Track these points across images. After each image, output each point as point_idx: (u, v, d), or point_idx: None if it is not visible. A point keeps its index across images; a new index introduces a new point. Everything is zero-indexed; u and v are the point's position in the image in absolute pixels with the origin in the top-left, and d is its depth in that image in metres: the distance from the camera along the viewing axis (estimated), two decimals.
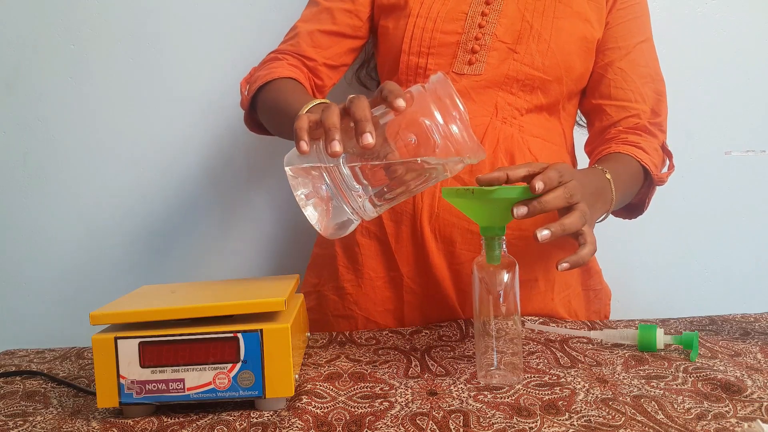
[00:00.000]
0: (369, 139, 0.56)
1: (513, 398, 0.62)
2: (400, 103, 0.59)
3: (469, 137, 0.60)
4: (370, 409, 0.61)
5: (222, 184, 1.27)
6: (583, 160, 1.03)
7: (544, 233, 0.64)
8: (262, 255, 1.29)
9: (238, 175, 1.27)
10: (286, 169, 0.62)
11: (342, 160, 0.60)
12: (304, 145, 0.59)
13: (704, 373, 0.68)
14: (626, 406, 0.60)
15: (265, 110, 0.92)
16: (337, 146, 0.57)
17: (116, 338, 0.60)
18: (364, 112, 0.58)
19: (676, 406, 0.60)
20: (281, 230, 1.29)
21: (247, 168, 1.27)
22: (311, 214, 0.62)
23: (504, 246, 0.65)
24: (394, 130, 0.62)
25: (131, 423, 0.60)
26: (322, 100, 0.79)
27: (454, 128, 0.59)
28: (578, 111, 1.01)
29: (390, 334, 0.86)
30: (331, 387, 0.67)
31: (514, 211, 0.63)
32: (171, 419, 0.61)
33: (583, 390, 0.64)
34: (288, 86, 0.90)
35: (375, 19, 0.99)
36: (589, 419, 0.57)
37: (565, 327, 0.86)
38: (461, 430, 0.56)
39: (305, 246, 1.09)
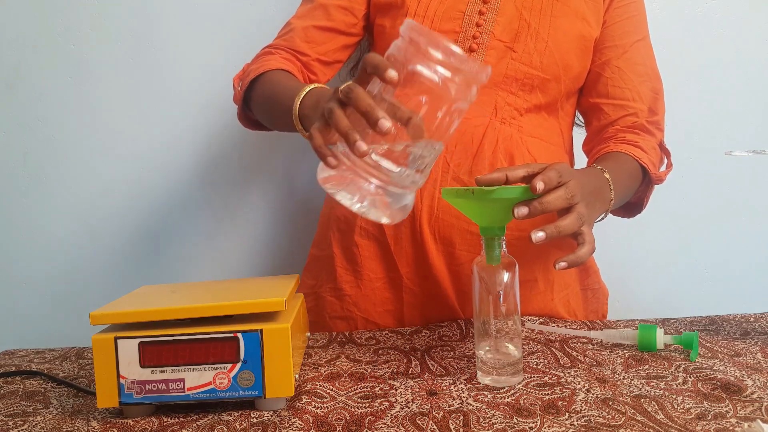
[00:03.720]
0: (385, 125, 0.56)
1: (513, 398, 0.62)
2: (392, 74, 0.58)
3: (465, 62, 0.59)
4: (370, 409, 0.61)
5: (222, 185, 1.27)
6: (581, 160, 1.03)
7: (538, 235, 0.65)
8: (261, 255, 1.29)
9: (238, 176, 1.27)
10: (325, 187, 0.62)
11: (372, 153, 0.59)
12: (333, 161, 0.60)
13: (704, 373, 0.68)
14: (626, 406, 0.60)
15: (258, 103, 0.92)
16: (362, 146, 0.57)
17: (116, 338, 0.60)
18: (366, 100, 0.58)
19: (676, 406, 0.60)
20: (281, 230, 1.29)
21: (248, 168, 1.27)
22: (375, 215, 0.62)
23: (504, 246, 0.65)
24: (398, 96, 0.61)
25: (131, 423, 0.60)
26: (317, 85, 0.79)
27: (448, 63, 0.58)
28: (576, 110, 1.01)
29: (390, 334, 0.86)
30: (331, 387, 0.67)
31: (515, 211, 0.63)
32: (171, 419, 0.61)
33: (583, 390, 0.64)
34: (280, 77, 0.90)
35: (371, 17, 0.99)
36: (589, 419, 0.57)
37: (565, 327, 0.86)
38: (461, 430, 0.56)
39: (304, 246, 1.09)
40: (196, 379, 0.60)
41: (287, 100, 0.79)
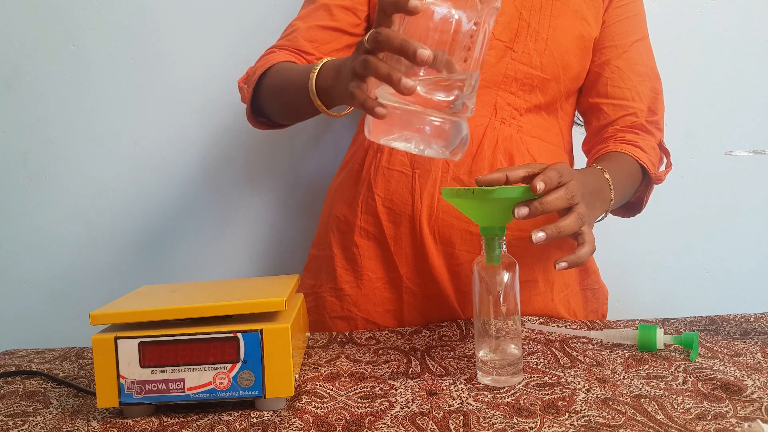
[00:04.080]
0: (425, 53, 0.55)
1: (513, 398, 0.62)
2: (415, 2, 0.56)
3: None
4: (370, 409, 0.61)
5: (222, 184, 1.27)
6: (580, 160, 1.03)
7: (539, 235, 0.65)
8: (261, 255, 1.29)
9: (238, 176, 1.27)
10: (380, 140, 0.61)
11: (419, 89, 0.58)
12: (382, 110, 0.58)
13: (704, 373, 0.68)
14: (626, 406, 0.60)
15: (271, 95, 0.90)
16: (408, 82, 0.56)
17: (116, 338, 0.60)
18: (397, 36, 0.57)
19: (676, 406, 0.60)
20: (281, 230, 1.29)
21: (247, 168, 1.27)
22: (438, 153, 0.60)
23: (504, 246, 0.65)
24: (422, 31, 0.60)
25: (131, 423, 0.60)
26: (327, 59, 0.78)
27: None
28: (576, 110, 1.01)
29: (390, 334, 0.86)
30: (331, 387, 0.67)
31: (516, 211, 0.63)
32: (171, 419, 0.61)
33: (583, 390, 0.64)
34: (288, 65, 0.89)
35: (372, 18, 0.99)
36: (589, 419, 0.57)
37: (565, 327, 0.86)
38: (461, 430, 0.56)
39: (305, 246, 1.09)
40: (196, 379, 0.60)
41: (302, 80, 0.77)
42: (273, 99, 0.91)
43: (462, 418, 0.58)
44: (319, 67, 0.75)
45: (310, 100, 0.75)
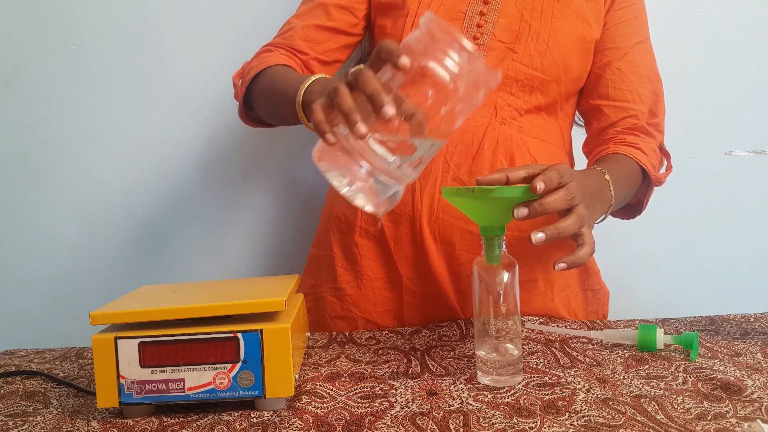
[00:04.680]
0: (389, 111, 0.55)
1: (513, 398, 0.62)
2: (405, 60, 0.57)
3: (478, 64, 0.58)
4: (370, 409, 0.61)
5: (222, 184, 1.27)
6: (580, 161, 1.03)
7: (538, 236, 0.65)
8: (261, 255, 1.29)
9: (238, 176, 1.27)
10: (318, 165, 0.61)
11: (370, 138, 0.59)
12: (331, 138, 0.58)
13: (704, 373, 0.68)
14: (626, 406, 0.60)
15: (261, 98, 0.91)
16: (362, 128, 0.56)
17: (116, 338, 0.60)
18: (373, 84, 0.57)
19: (676, 406, 0.60)
20: (281, 230, 1.29)
21: (247, 168, 1.27)
22: (361, 201, 0.61)
23: (504, 246, 0.65)
24: (406, 87, 0.60)
25: (131, 423, 0.60)
26: (321, 75, 0.78)
27: (462, 62, 0.58)
28: (576, 111, 1.01)
29: (390, 334, 0.86)
30: (331, 387, 0.67)
31: (515, 212, 0.63)
32: (171, 419, 0.61)
33: (583, 390, 0.64)
34: (282, 71, 0.90)
35: (372, 17, 0.99)
36: (589, 419, 0.57)
37: (565, 327, 0.86)
38: (461, 430, 0.56)
39: (305, 246, 1.09)
40: (196, 379, 0.60)
41: (291, 90, 0.78)
42: (263, 101, 0.92)
43: (462, 418, 0.58)
44: (309, 83, 0.76)
45: (296, 111, 0.77)
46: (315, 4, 0.97)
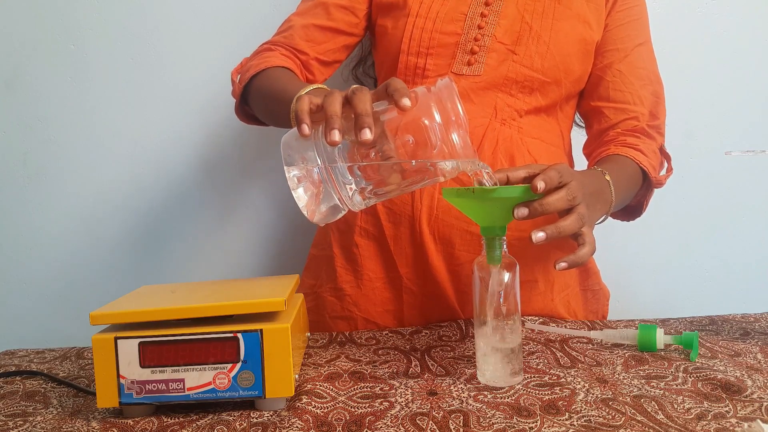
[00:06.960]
0: (368, 134, 0.56)
1: (513, 398, 0.62)
2: (406, 102, 0.58)
3: (465, 145, 0.60)
4: (370, 409, 0.61)
5: (222, 184, 1.27)
6: (580, 162, 1.03)
7: (539, 235, 0.65)
8: (261, 255, 1.30)
9: (238, 176, 1.27)
10: (282, 149, 0.61)
11: (338, 149, 0.59)
12: (306, 129, 0.58)
13: (704, 373, 0.68)
14: (626, 406, 0.60)
15: (258, 98, 0.91)
16: (336, 135, 0.56)
17: (116, 338, 0.60)
18: (366, 105, 0.57)
19: (676, 406, 0.60)
20: (281, 230, 1.29)
21: (247, 168, 1.27)
22: (300, 196, 0.61)
23: (504, 246, 0.65)
24: (393, 127, 0.61)
25: (131, 423, 0.60)
26: (320, 86, 0.78)
27: (453, 134, 0.59)
28: (576, 112, 1.01)
29: (390, 334, 0.86)
30: (331, 387, 0.67)
31: (515, 212, 0.63)
32: (171, 419, 0.61)
33: (583, 390, 0.64)
34: (282, 74, 0.90)
35: (373, 17, 0.98)
36: (589, 419, 0.57)
37: (565, 327, 0.86)
38: (461, 430, 0.56)
39: (305, 246, 1.09)
40: (196, 379, 0.60)
41: (288, 97, 0.78)
42: (259, 102, 0.92)
43: (462, 418, 0.58)
44: (306, 91, 0.76)
45: (291, 117, 0.77)
46: (316, 3, 0.97)
